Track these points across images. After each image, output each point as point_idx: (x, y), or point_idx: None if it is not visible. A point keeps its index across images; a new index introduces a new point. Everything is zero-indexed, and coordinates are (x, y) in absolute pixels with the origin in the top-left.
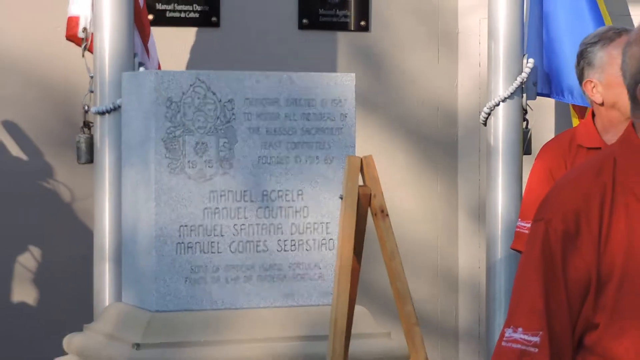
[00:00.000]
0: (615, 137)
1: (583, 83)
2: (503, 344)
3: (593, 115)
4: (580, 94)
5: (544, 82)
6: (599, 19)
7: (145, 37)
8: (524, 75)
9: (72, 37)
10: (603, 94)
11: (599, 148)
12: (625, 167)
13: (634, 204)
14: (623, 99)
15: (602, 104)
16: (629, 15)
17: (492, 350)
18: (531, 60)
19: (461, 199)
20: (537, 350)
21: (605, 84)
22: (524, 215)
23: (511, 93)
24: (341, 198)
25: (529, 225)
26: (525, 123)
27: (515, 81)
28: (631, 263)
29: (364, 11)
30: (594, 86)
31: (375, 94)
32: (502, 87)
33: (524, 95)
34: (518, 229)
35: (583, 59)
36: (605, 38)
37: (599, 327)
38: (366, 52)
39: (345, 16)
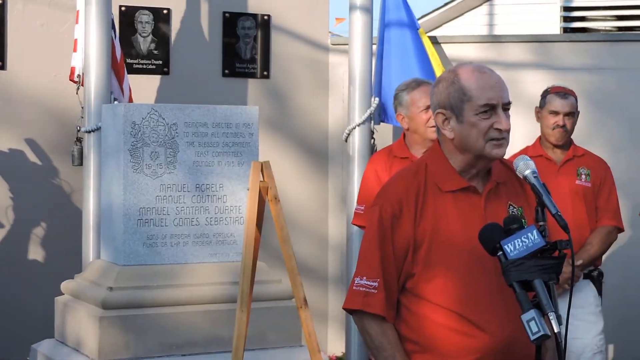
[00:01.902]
0: (418, 151)
1: (396, 115)
2: (354, 287)
3: (404, 135)
4: None
5: (383, 112)
6: (427, 67)
7: (120, 80)
8: (372, 108)
9: (71, 80)
10: (408, 123)
11: (407, 157)
12: (433, 170)
13: (437, 193)
14: (420, 127)
15: (408, 129)
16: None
17: None
18: (376, 98)
19: (330, 190)
20: (376, 291)
21: (409, 117)
22: (359, 201)
23: (364, 120)
24: (248, 190)
25: (362, 207)
26: (372, 140)
27: (366, 112)
28: (436, 232)
29: (266, 65)
30: (402, 118)
31: (275, 120)
32: (357, 116)
33: (372, 121)
34: (356, 210)
35: (396, 100)
36: (410, 87)
37: (415, 276)
38: (268, 92)
39: (254, 68)
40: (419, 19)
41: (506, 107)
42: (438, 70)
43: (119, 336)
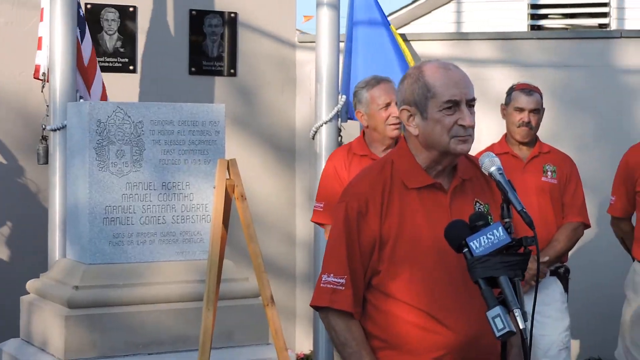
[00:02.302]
0: (377, 149)
1: (356, 112)
2: (321, 285)
3: (364, 133)
4: None
5: (351, 110)
6: (403, 64)
7: (89, 79)
8: (339, 106)
9: (36, 78)
10: (367, 121)
11: (366, 155)
12: (399, 166)
13: (403, 190)
14: (379, 124)
15: (367, 127)
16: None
17: None
18: (344, 96)
19: (298, 187)
20: (343, 288)
21: (369, 114)
22: (318, 199)
23: (331, 118)
24: (214, 187)
25: (321, 204)
26: (340, 137)
27: (333, 110)
28: (402, 229)
29: (233, 63)
30: (362, 115)
31: (243, 118)
32: (325, 114)
33: (339, 119)
34: (314, 208)
35: (356, 97)
36: (370, 84)
37: (381, 273)
38: (235, 90)
39: (221, 66)
40: (387, 16)
41: (470, 103)
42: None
43: (85, 335)
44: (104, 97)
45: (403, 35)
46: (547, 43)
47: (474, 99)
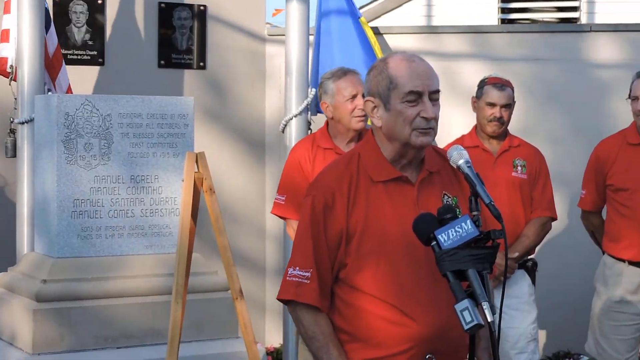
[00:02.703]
0: (341, 141)
1: (321, 104)
2: (287, 278)
3: (327, 125)
4: None
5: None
6: (371, 57)
7: (52, 73)
8: (308, 99)
9: (2, 72)
10: (332, 112)
11: (331, 148)
12: (366, 160)
13: (369, 183)
14: (345, 116)
15: (332, 119)
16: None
17: None
18: (313, 89)
19: (268, 181)
20: (308, 281)
21: (334, 105)
22: (280, 191)
23: (300, 111)
24: (183, 181)
25: (282, 197)
26: (309, 131)
27: (303, 103)
28: (368, 222)
29: (202, 56)
30: (327, 107)
31: (212, 111)
32: (294, 107)
33: (309, 112)
34: (275, 200)
35: (321, 88)
36: (336, 75)
37: (348, 266)
38: (204, 83)
39: (190, 59)
40: (359, 8)
41: (434, 95)
42: None
43: (53, 329)
44: (69, 90)
45: (375, 29)
46: (518, 37)
47: (437, 91)
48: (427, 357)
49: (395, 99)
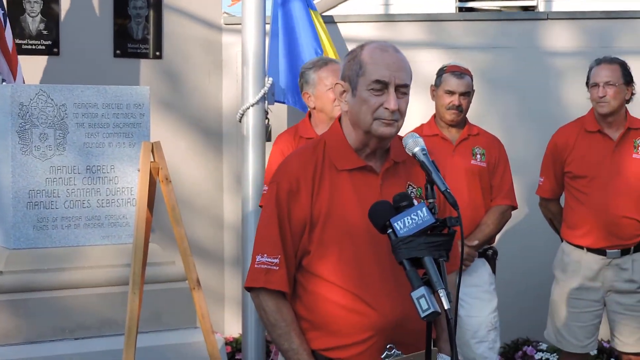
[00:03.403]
0: (323, 130)
1: (302, 94)
2: (255, 266)
3: (309, 115)
4: (295, 101)
5: (277, 92)
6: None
7: (12, 66)
8: (265, 88)
9: None
10: (314, 102)
11: (313, 138)
12: (331, 148)
13: (334, 172)
14: (327, 106)
15: (314, 109)
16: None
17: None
18: (270, 78)
19: (226, 170)
20: (277, 267)
21: (316, 95)
22: (267, 181)
23: (257, 100)
24: (139, 171)
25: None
26: (267, 120)
27: (260, 93)
28: (332, 210)
29: (158, 45)
30: (309, 97)
31: (169, 101)
32: (251, 96)
33: (266, 101)
34: (263, 192)
35: (302, 78)
36: (317, 65)
37: (311, 253)
38: (161, 72)
39: (146, 48)
40: None
41: (401, 89)
42: (330, 50)
43: (10, 321)
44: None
45: (330, 17)
46: (475, 25)
47: (405, 85)
48: (387, 346)
49: (362, 85)
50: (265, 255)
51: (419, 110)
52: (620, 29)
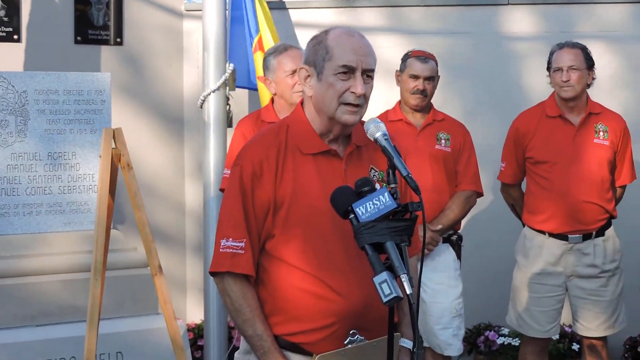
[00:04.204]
0: (285, 116)
1: (264, 79)
2: (220, 250)
3: (272, 100)
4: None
5: (240, 78)
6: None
7: None
8: (226, 74)
9: None
10: (275, 88)
11: (274, 122)
12: (294, 132)
13: (298, 155)
14: (286, 91)
15: (275, 94)
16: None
17: (211, 257)
18: (231, 65)
19: (187, 156)
20: (243, 251)
21: (276, 81)
22: (228, 165)
23: (218, 86)
24: (100, 157)
25: (229, 172)
26: (228, 106)
27: (221, 79)
28: (296, 194)
29: (119, 31)
30: (270, 82)
31: (130, 87)
32: (212, 83)
33: (227, 87)
34: (224, 175)
35: (264, 64)
36: (277, 51)
37: (275, 237)
38: (122, 59)
39: (107, 35)
40: None
41: (367, 73)
42: (273, 37)
43: None
44: None
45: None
46: (434, 10)
47: (371, 70)
48: (350, 332)
49: (328, 70)
50: (231, 239)
51: (381, 96)
52: (580, 14)
